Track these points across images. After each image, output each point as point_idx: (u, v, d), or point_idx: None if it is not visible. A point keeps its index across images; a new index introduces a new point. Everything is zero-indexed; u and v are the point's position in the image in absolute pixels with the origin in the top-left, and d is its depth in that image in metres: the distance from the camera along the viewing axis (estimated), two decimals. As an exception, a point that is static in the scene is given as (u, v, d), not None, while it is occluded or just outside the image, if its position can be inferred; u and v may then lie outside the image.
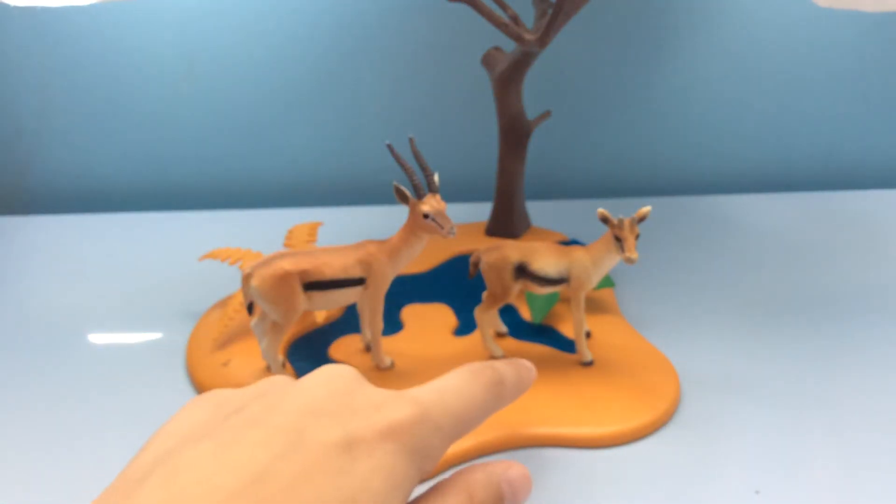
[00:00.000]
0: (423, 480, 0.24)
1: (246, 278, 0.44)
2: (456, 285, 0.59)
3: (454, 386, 0.26)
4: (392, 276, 0.47)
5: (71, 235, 0.73)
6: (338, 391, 0.24)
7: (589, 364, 0.50)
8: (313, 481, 0.21)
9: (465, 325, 0.55)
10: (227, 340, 0.53)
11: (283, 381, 0.25)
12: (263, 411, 0.23)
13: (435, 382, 0.26)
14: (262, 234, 0.63)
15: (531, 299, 0.55)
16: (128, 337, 0.57)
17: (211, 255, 0.57)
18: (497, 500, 0.25)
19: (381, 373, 0.49)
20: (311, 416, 0.23)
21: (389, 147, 0.44)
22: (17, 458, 0.44)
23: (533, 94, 0.63)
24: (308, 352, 0.52)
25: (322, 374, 0.25)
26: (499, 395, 0.27)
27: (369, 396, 0.24)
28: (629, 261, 0.45)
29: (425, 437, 0.24)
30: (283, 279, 0.44)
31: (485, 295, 0.50)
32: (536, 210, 0.70)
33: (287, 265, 0.44)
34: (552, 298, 0.55)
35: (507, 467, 0.26)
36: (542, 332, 0.54)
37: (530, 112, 0.63)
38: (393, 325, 0.55)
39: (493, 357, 0.50)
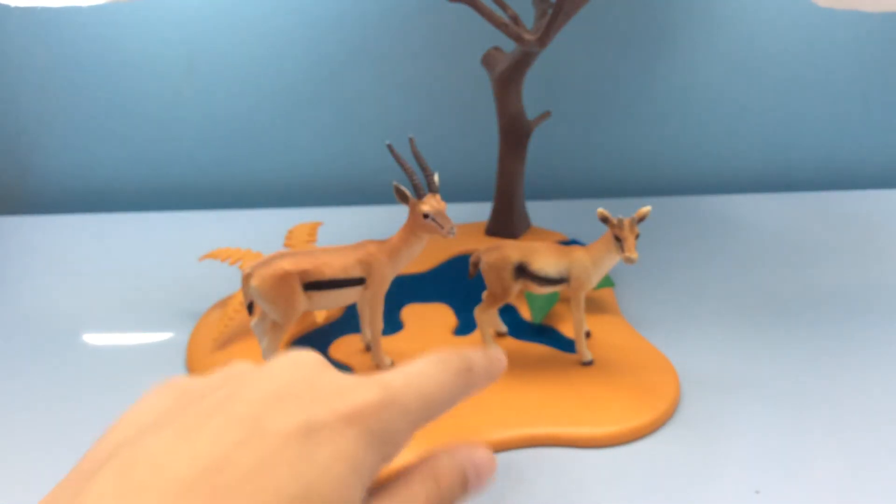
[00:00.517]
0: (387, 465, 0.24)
1: (246, 278, 0.44)
2: (456, 285, 0.59)
3: (423, 371, 0.26)
4: (392, 276, 0.47)
5: (72, 236, 0.73)
6: (301, 377, 0.24)
7: (589, 364, 0.50)
8: (271, 469, 0.21)
9: (465, 325, 0.55)
10: (227, 340, 0.53)
11: (246, 368, 0.25)
12: (223, 400, 0.23)
13: (403, 367, 0.26)
14: (263, 234, 0.63)
15: (531, 299, 0.55)
16: (128, 337, 0.57)
17: (211, 255, 0.57)
18: (462, 484, 0.25)
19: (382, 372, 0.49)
20: (273, 402, 0.22)
21: (390, 147, 0.44)
22: (17, 458, 0.44)
23: (533, 95, 0.63)
24: (308, 352, 0.52)
25: (285, 360, 0.25)
26: (468, 382, 0.27)
27: (334, 381, 0.24)
28: (629, 261, 0.45)
29: (392, 420, 0.23)
30: (283, 279, 0.44)
31: (485, 295, 0.50)
32: (536, 210, 0.70)
33: (287, 265, 0.44)
34: (552, 298, 0.55)
35: (472, 450, 0.26)
36: (542, 332, 0.54)
37: (530, 112, 0.63)
38: (393, 324, 0.55)
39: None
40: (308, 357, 0.25)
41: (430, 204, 0.44)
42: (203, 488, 0.20)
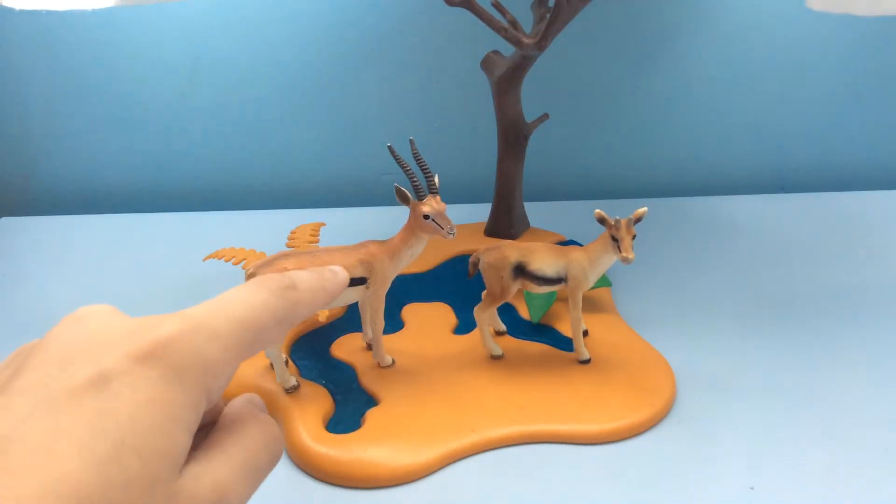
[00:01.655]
0: (213, 398, 0.22)
1: (249, 278, 0.45)
2: (456, 285, 0.60)
3: (236, 295, 0.24)
4: (393, 276, 0.48)
5: (77, 236, 0.74)
6: (88, 330, 0.22)
7: (586, 362, 0.50)
8: (68, 435, 0.19)
9: (465, 324, 0.55)
10: (231, 339, 0.53)
11: (30, 344, 0.23)
12: (9, 379, 0.21)
13: (216, 297, 0.24)
14: (266, 234, 0.64)
15: (529, 298, 0.56)
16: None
17: (215, 255, 0.58)
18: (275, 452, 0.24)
19: (382, 370, 0.50)
20: (58, 363, 0.20)
21: (390, 149, 0.45)
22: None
23: (531, 97, 0.64)
24: (311, 350, 0.53)
25: (68, 320, 0.23)
26: (292, 300, 0.24)
27: (126, 325, 0.22)
28: (626, 261, 0.45)
29: (198, 350, 0.21)
30: (287, 279, 0.45)
31: (484, 294, 0.50)
32: (535, 211, 0.70)
33: (289, 265, 0.45)
34: (550, 298, 0.56)
35: (247, 398, 0.25)
36: (541, 331, 0.55)
37: (528, 114, 0.64)
38: (394, 323, 0.55)
39: (492, 356, 0.51)
40: (94, 309, 0.23)
41: (431, 205, 0.45)
42: None
